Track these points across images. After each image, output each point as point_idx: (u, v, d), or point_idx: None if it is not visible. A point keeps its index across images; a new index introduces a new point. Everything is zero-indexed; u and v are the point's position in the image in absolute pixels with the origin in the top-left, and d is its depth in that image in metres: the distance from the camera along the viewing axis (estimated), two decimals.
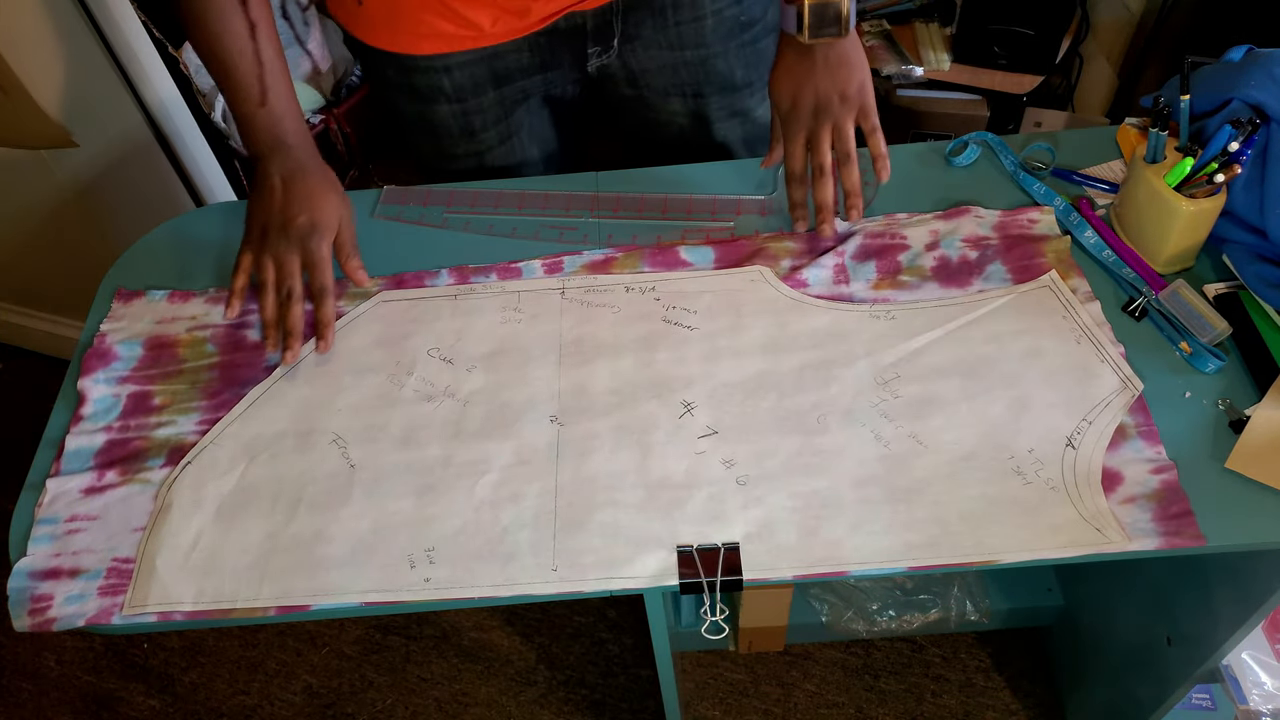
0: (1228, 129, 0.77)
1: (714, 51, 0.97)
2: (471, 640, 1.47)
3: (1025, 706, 1.36)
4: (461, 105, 0.97)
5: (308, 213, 0.84)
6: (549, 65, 0.97)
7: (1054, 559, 0.70)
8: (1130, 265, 0.85)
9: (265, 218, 0.85)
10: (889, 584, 1.36)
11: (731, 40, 0.97)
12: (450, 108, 0.97)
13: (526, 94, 0.99)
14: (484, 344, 0.85)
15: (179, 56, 1.72)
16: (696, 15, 0.94)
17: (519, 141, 1.03)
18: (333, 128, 2.02)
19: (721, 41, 0.97)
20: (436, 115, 0.98)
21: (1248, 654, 1.09)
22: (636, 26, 0.95)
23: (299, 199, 0.84)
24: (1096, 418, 0.76)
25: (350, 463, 0.78)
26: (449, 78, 0.94)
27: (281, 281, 0.84)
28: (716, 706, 1.38)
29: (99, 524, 0.75)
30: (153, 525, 0.75)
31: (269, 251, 0.85)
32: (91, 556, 0.73)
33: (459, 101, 0.96)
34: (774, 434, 0.77)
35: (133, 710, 1.44)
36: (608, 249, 0.91)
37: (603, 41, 0.95)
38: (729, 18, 0.96)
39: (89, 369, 0.85)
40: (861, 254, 0.89)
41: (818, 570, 0.70)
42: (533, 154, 1.05)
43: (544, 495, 0.75)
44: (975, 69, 1.72)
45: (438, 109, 0.97)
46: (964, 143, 0.97)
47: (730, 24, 0.96)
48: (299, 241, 0.84)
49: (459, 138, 1.00)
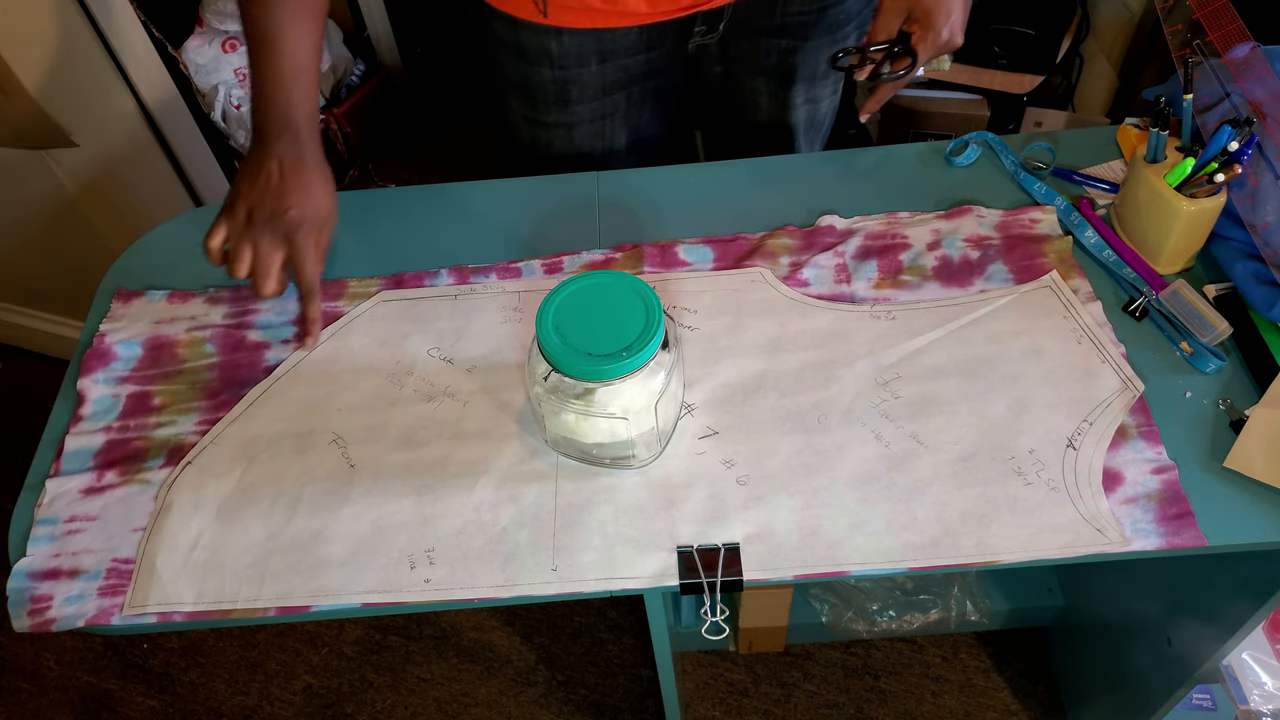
0: (1227, 129, 0.77)
1: (809, 44, 1.01)
2: (471, 640, 1.47)
3: (1025, 707, 1.36)
4: (563, 72, 0.97)
5: (300, 206, 0.82)
6: (653, 45, 0.97)
7: (1054, 559, 0.69)
8: (1131, 265, 0.85)
9: (254, 200, 0.82)
10: (889, 584, 1.36)
11: (825, 36, 1.01)
12: (552, 72, 0.97)
13: (628, 75, 0.99)
14: (484, 344, 0.85)
15: (179, 56, 1.73)
16: (803, 10, 0.98)
17: (611, 125, 1.03)
18: (333, 128, 2.02)
19: (818, 35, 1.01)
20: (537, 77, 0.98)
21: (1248, 654, 1.09)
22: (747, 12, 0.97)
23: (295, 189, 0.82)
24: (1097, 418, 0.76)
25: (350, 463, 0.78)
26: (558, 43, 0.94)
27: (257, 276, 0.82)
28: (716, 706, 1.38)
29: (99, 524, 0.75)
30: (153, 525, 0.75)
31: (248, 239, 0.82)
32: (91, 557, 0.73)
33: (562, 68, 0.96)
34: (774, 434, 0.77)
35: (132, 710, 1.44)
36: (608, 249, 0.91)
37: (710, 22, 0.97)
38: (831, 15, 0.99)
39: (89, 369, 0.85)
40: (862, 253, 0.89)
41: (818, 570, 0.70)
42: (620, 141, 1.06)
43: (544, 495, 0.75)
44: (975, 69, 1.72)
45: (540, 71, 0.97)
46: (964, 142, 0.97)
47: (830, 21, 1.00)
48: (285, 234, 0.81)
49: (553, 104, 1.00)
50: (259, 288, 0.83)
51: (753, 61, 1.03)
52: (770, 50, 1.02)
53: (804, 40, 1.01)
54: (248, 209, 0.82)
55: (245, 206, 0.82)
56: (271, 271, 0.82)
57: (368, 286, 0.90)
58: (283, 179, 0.82)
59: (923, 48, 0.88)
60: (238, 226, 0.82)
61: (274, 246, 0.82)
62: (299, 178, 0.82)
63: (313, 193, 0.83)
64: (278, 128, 0.83)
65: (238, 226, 0.82)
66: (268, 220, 0.81)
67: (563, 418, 0.71)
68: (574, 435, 0.72)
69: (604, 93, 1.00)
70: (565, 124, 1.02)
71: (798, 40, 1.01)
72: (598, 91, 0.99)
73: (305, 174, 0.83)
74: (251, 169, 0.83)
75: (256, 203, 0.82)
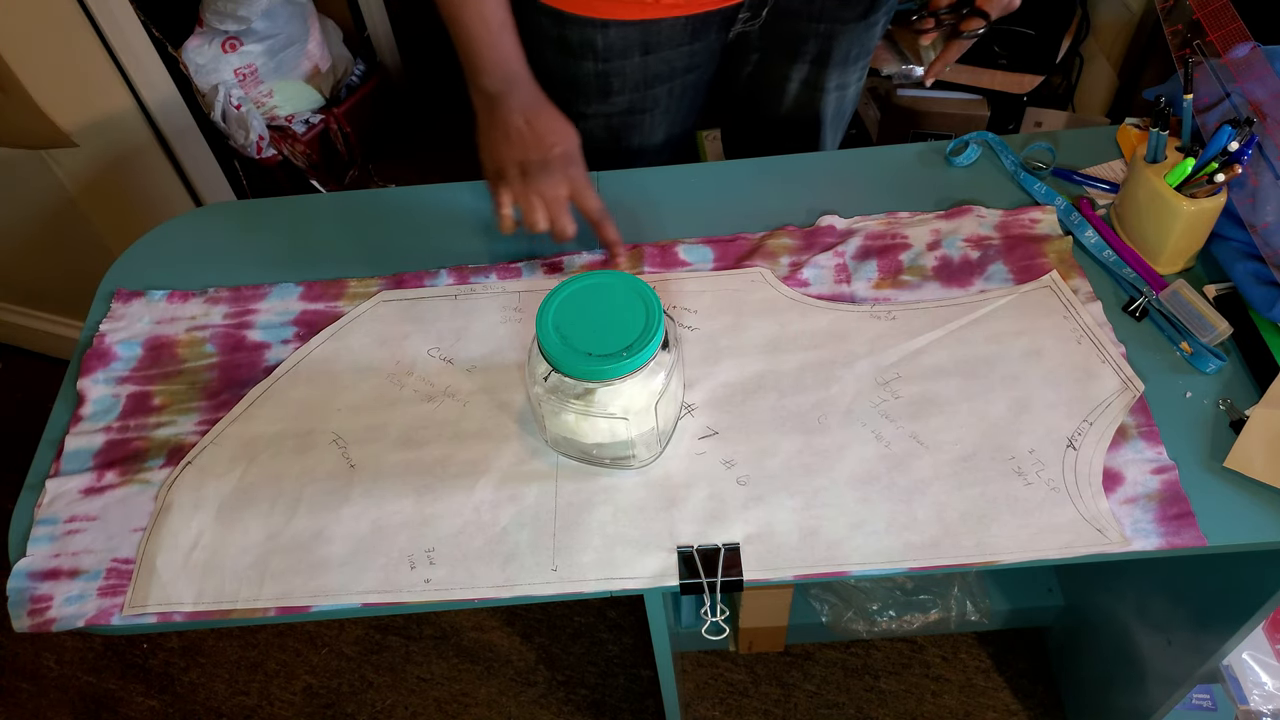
0: (1227, 129, 0.77)
1: (845, 29, 1.02)
2: (471, 640, 1.47)
3: (1025, 707, 1.36)
4: (606, 65, 0.97)
5: (561, 142, 0.84)
6: (697, 35, 0.97)
7: (1054, 559, 0.69)
8: (1131, 265, 0.85)
9: (519, 154, 0.83)
10: (889, 584, 1.36)
11: (861, 20, 1.02)
12: (595, 65, 0.97)
13: (670, 67, 0.99)
14: (484, 344, 0.85)
15: (179, 56, 1.73)
16: None
17: (650, 119, 1.04)
18: (332, 128, 2.02)
19: (855, 19, 1.01)
20: (580, 71, 0.98)
21: (1248, 654, 1.09)
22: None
23: (549, 130, 0.84)
24: (1097, 418, 0.76)
25: (350, 463, 0.78)
26: (603, 35, 0.94)
27: (555, 220, 0.83)
28: (716, 707, 1.38)
29: (99, 524, 0.75)
30: (153, 525, 0.75)
31: (534, 189, 0.83)
32: (91, 557, 0.73)
33: (605, 61, 0.97)
34: (774, 434, 0.77)
35: (132, 710, 1.44)
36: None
37: (755, 9, 0.98)
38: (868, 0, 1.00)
39: (88, 369, 0.85)
40: (862, 253, 0.89)
41: (818, 570, 0.70)
42: (657, 136, 1.06)
43: (544, 495, 0.75)
44: (975, 69, 1.72)
45: (584, 65, 0.97)
46: (964, 142, 0.97)
47: (866, 6, 1.00)
48: (562, 171, 0.83)
49: (594, 96, 1.00)
50: (561, 232, 0.84)
51: (790, 47, 1.04)
52: (809, 35, 1.02)
53: (841, 24, 1.01)
54: (518, 165, 0.84)
55: (514, 164, 0.84)
56: (566, 211, 0.84)
57: (368, 286, 0.90)
58: (532, 125, 0.84)
59: (991, 6, 0.91)
60: (517, 185, 0.84)
61: (557, 187, 0.83)
62: (546, 120, 0.84)
63: (563, 127, 0.85)
64: (504, 82, 0.84)
65: (517, 185, 0.84)
66: (541, 167, 0.83)
67: (563, 418, 0.71)
68: (574, 435, 0.72)
69: (645, 85, 1.00)
70: (604, 114, 1.02)
71: (835, 24, 1.01)
72: (639, 84, 0.99)
73: (548, 114, 0.85)
74: (498, 130, 0.84)
75: (522, 155, 0.83)
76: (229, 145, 1.84)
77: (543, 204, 0.83)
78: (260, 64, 1.84)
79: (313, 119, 1.98)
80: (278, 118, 1.92)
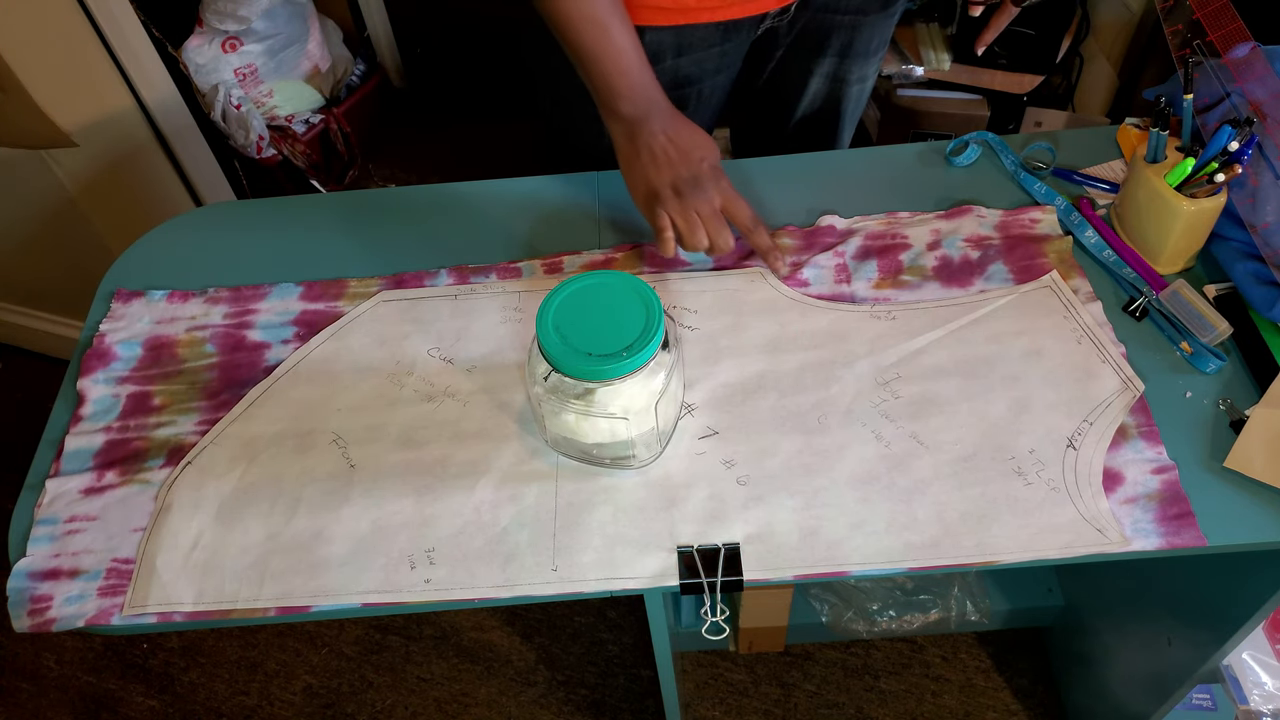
0: (1227, 129, 0.77)
1: (868, 20, 1.02)
2: (471, 640, 1.47)
3: (1025, 707, 1.36)
4: None
5: (707, 156, 0.84)
6: (729, 35, 0.97)
7: (1054, 559, 0.69)
8: (1131, 265, 0.85)
9: (672, 175, 0.83)
10: (889, 584, 1.36)
11: (883, 10, 1.02)
12: None
13: (700, 68, 0.99)
14: (484, 344, 0.85)
15: (179, 56, 1.73)
16: None
17: None
18: (332, 128, 2.02)
19: (878, 10, 1.02)
20: None
21: (1248, 654, 1.09)
22: None
23: (693, 146, 0.84)
24: (1097, 418, 0.76)
25: (350, 463, 0.78)
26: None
27: (714, 235, 0.83)
28: (716, 707, 1.38)
29: (99, 524, 0.75)
30: (153, 525, 0.75)
31: (690, 207, 0.83)
32: (91, 557, 0.73)
33: None
34: (774, 434, 0.77)
35: (132, 710, 1.44)
36: (608, 249, 0.91)
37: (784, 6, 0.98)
38: None
39: (88, 369, 0.85)
40: (862, 253, 0.89)
41: (818, 570, 0.70)
42: None
43: (544, 495, 0.75)
44: (975, 69, 1.72)
45: None
46: (964, 142, 0.97)
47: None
48: (714, 184, 0.84)
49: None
50: (720, 246, 0.84)
51: (817, 40, 1.04)
52: (835, 26, 1.02)
53: (864, 15, 1.02)
54: (671, 186, 0.83)
55: (667, 185, 0.84)
56: (725, 226, 0.84)
57: (368, 286, 0.90)
58: (676, 143, 0.84)
59: None
60: (673, 205, 0.83)
61: (711, 202, 0.83)
62: (688, 135, 0.85)
63: (704, 140, 0.85)
64: (644, 108, 0.84)
65: (673, 205, 0.83)
66: (693, 184, 0.83)
67: (563, 418, 0.71)
68: (574, 435, 0.72)
69: (673, 87, 0.99)
70: None
71: (859, 15, 1.02)
72: (668, 85, 0.98)
73: (688, 129, 0.85)
74: (644, 154, 0.84)
75: (672, 175, 0.83)
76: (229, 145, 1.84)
77: (700, 221, 0.83)
78: (260, 64, 1.84)
79: (313, 119, 1.98)
80: (278, 118, 1.92)
